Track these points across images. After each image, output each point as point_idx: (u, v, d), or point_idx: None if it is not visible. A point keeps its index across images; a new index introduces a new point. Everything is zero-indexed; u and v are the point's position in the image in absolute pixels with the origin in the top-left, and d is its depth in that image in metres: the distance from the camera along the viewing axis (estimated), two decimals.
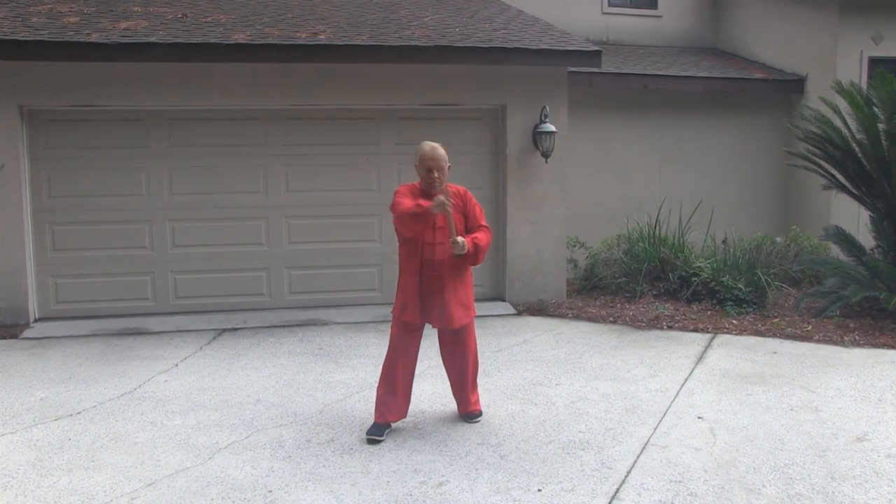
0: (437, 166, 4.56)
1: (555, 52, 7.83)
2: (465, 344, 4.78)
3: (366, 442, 4.54)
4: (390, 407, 4.67)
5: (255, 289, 7.99)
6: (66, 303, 7.65)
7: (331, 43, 7.43)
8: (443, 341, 4.83)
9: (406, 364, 4.72)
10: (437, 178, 4.57)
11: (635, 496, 3.87)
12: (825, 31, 10.05)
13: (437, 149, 4.60)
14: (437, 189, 4.56)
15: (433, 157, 4.56)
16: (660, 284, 8.34)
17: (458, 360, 4.81)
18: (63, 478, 4.11)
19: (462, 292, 4.69)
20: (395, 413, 4.69)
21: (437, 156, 4.57)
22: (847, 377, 5.75)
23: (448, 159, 4.62)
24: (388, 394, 4.68)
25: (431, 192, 4.55)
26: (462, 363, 4.81)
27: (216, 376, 5.86)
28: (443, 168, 4.58)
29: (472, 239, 4.55)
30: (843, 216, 9.40)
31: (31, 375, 5.88)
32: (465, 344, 4.78)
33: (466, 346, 4.79)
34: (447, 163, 4.61)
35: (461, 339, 4.77)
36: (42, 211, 7.55)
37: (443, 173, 4.59)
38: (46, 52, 6.99)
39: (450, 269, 4.62)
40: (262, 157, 7.91)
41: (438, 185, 4.58)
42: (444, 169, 4.59)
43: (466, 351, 4.80)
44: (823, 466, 4.19)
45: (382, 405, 4.68)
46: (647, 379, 5.73)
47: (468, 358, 4.81)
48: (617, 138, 10.19)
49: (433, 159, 4.56)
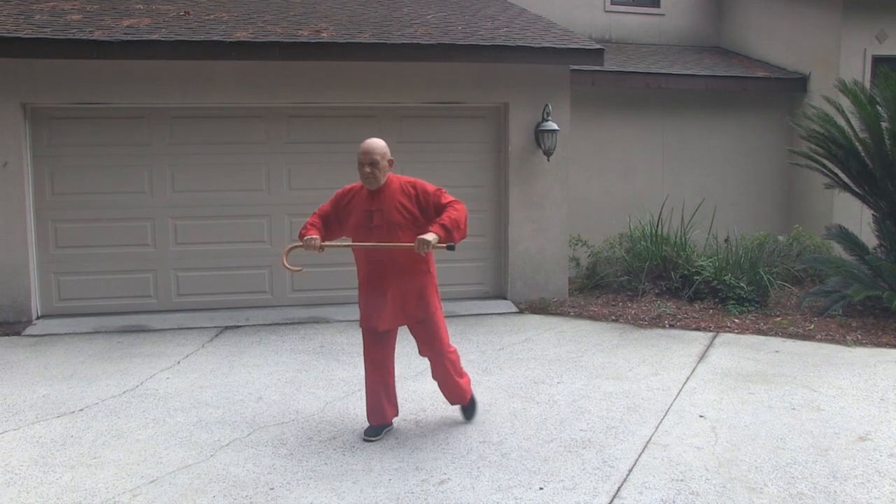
0: (367, 160, 4.31)
1: (557, 50, 7.82)
2: (431, 338, 4.50)
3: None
4: (375, 410, 4.62)
5: (257, 286, 7.99)
6: (69, 300, 7.66)
7: (333, 41, 7.43)
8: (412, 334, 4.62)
9: (377, 367, 4.58)
10: (368, 173, 4.32)
11: (637, 495, 3.86)
12: (829, 30, 10.03)
13: (373, 142, 4.36)
14: (371, 185, 4.36)
15: (363, 150, 4.34)
16: (662, 283, 8.34)
17: (428, 351, 4.54)
18: (65, 474, 4.11)
19: (411, 288, 4.41)
20: (378, 417, 4.62)
21: (368, 149, 4.33)
22: (849, 376, 5.74)
23: (388, 153, 4.39)
24: (370, 397, 4.63)
25: (368, 188, 4.38)
26: (437, 357, 4.55)
27: (218, 374, 5.86)
28: (375, 162, 4.30)
29: (438, 223, 4.24)
30: (845, 215, 9.39)
31: (34, 372, 5.89)
32: (431, 338, 4.50)
33: (433, 340, 4.50)
34: (384, 157, 4.35)
35: (426, 330, 4.49)
36: (45, 208, 7.56)
37: (376, 168, 4.31)
38: (49, 49, 6.99)
39: (392, 269, 4.38)
40: (264, 155, 7.91)
41: (372, 180, 4.34)
42: (378, 163, 4.31)
43: (434, 340, 4.50)
44: (825, 466, 4.19)
45: (370, 407, 4.64)
46: (649, 377, 5.73)
47: (437, 346, 4.51)
48: (619, 137, 10.18)
49: (363, 153, 4.33)
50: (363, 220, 4.41)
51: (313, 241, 4.41)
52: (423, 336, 4.53)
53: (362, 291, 4.54)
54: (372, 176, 4.33)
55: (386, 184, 4.40)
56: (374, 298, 4.44)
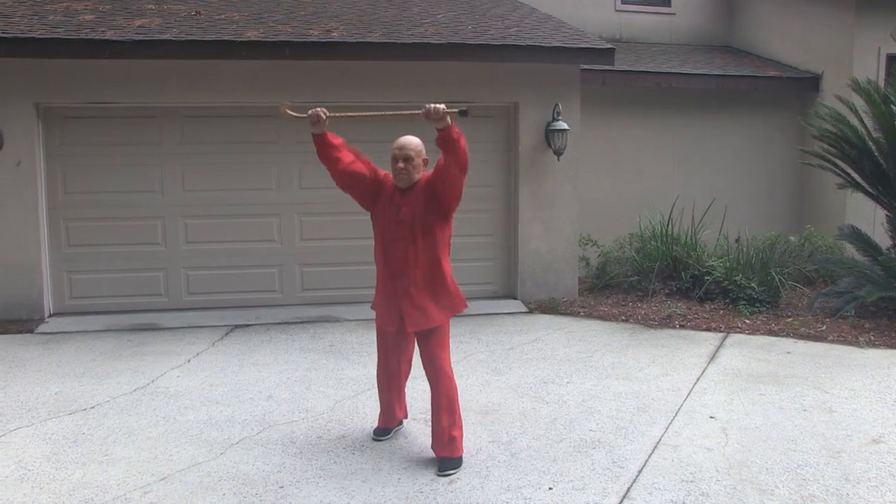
0: (402, 155, 4.12)
1: (568, 49, 7.80)
2: (430, 355, 4.20)
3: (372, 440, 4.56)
4: (383, 412, 4.60)
5: (268, 285, 8.01)
6: (81, 298, 7.70)
7: (343, 40, 7.44)
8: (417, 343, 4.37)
9: (388, 370, 4.48)
10: (401, 169, 4.12)
11: (646, 495, 3.85)
12: (842, 29, 9.97)
13: (408, 137, 4.18)
14: (402, 183, 4.15)
15: (398, 144, 4.16)
16: (672, 283, 8.31)
17: (429, 373, 4.23)
18: (77, 471, 4.14)
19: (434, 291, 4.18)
20: (388, 418, 4.59)
21: (403, 143, 4.15)
22: (862, 378, 5.71)
23: (423, 152, 4.20)
24: (381, 398, 4.60)
25: (399, 186, 4.18)
26: (433, 377, 4.22)
27: (228, 372, 5.88)
28: (410, 158, 4.11)
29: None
30: (858, 215, 9.33)
31: (46, 370, 5.93)
32: (430, 355, 4.20)
33: (432, 357, 4.19)
34: (419, 155, 4.16)
35: (428, 345, 4.21)
36: (57, 207, 7.60)
37: (410, 164, 4.12)
38: (62, 49, 7.03)
39: (415, 268, 4.15)
40: (274, 154, 7.93)
41: (404, 177, 4.13)
42: (413, 159, 4.12)
43: (435, 364, 4.19)
44: (838, 468, 4.17)
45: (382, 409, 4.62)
46: (659, 378, 5.71)
47: (438, 374, 4.18)
48: (629, 136, 10.15)
49: (398, 147, 4.15)
50: (390, 212, 4.19)
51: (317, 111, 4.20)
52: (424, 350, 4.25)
53: (379, 292, 4.37)
54: (405, 172, 4.13)
55: (417, 184, 4.19)
56: (390, 301, 4.26)
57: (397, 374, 4.52)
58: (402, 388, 4.61)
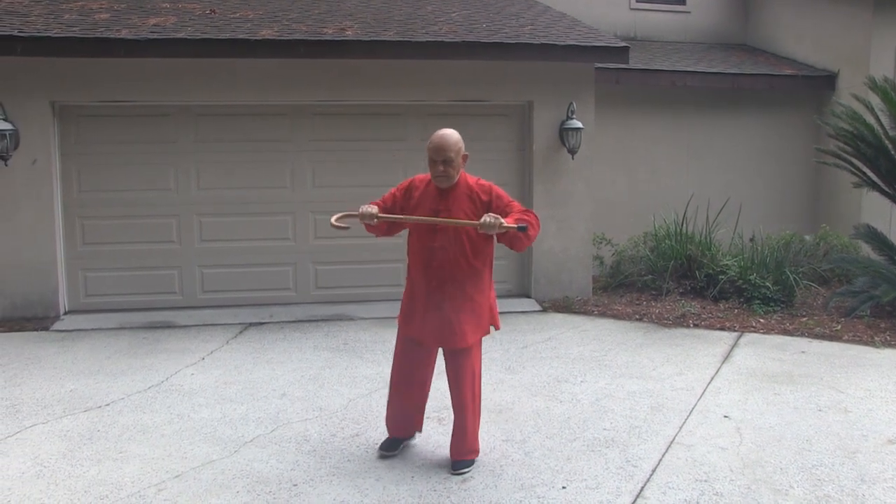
0: (441, 157, 3.89)
1: (582, 48, 7.78)
2: (461, 369, 4.07)
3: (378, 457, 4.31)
4: (396, 423, 4.34)
5: (282, 283, 8.04)
6: (96, 296, 7.75)
7: (358, 39, 7.45)
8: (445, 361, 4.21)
9: (410, 382, 4.22)
10: (442, 172, 3.92)
11: (660, 495, 3.84)
12: (858, 27, 9.89)
13: (446, 136, 3.92)
14: (443, 184, 3.97)
15: (436, 146, 3.91)
16: (686, 282, 8.28)
17: (454, 387, 4.13)
18: (92, 468, 4.16)
19: (472, 306, 3.99)
20: (400, 429, 4.35)
21: (442, 145, 3.89)
22: (878, 378, 5.66)
23: (463, 148, 3.99)
24: (393, 409, 4.32)
25: (439, 186, 3.99)
26: (457, 391, 4.11)
27: (242, 370, 5.90)
28: (450, 160, 3.90)
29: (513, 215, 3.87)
30: (874, 214, 9.26)
31: (62, 367, 5.97)
32: (461, 369, 4.07)
33: (461, 372, 4.07)
34: (458, 154, 3.94)
35: (458, 363, 4.08)
36: (72, 205, 7.65)
37: (450, 166, 3.91)
38: (77, 48, 7.07)
39: (453, 280, 3.95)
40: (288, 153, 7.95)
41: (445, 179, 3.94)
42: (453, 161, 3.91)
43: (461, 379, 4.08)
44: (853, 468, 4.14)
45: (391, 419, 4.35)
46: (673, 377, 5.69)
47: (463, 387, 4.08)
48: (644, 135, 10.11)
49: (435, 149, 3.90)
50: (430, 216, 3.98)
51: (369, 210, 3.97)
52: (453, 365, 4.10)
53: (416, 297, 4.09)
54: (445, 175, 3.93)
55: (458, 182, 4.00)
56: (422, 307, 4.03)
57: (425, 389, 4.30)
58: (423, 403, 4.36)
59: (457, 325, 3.97)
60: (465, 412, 4.12)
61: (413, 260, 4.11)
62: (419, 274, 4.06)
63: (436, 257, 3.97)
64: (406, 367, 4.22)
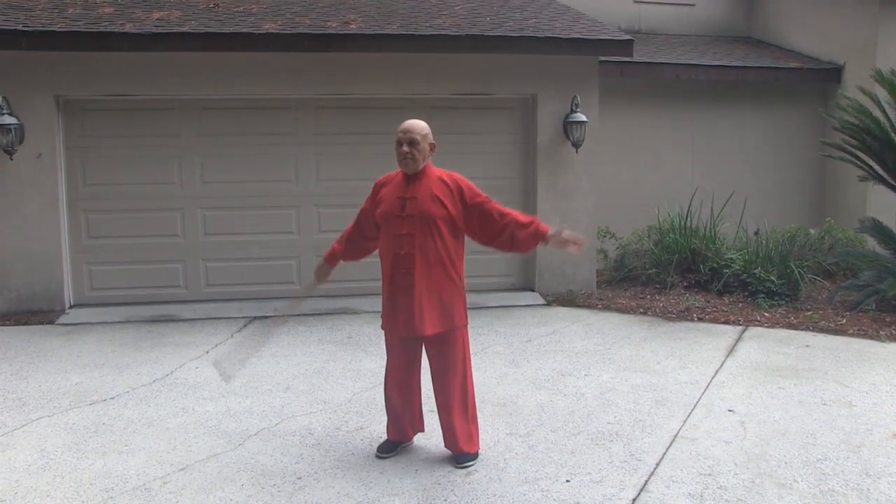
0: (406, 138, 3.91)
1: (586, 41, 7.76)
2: (446, 357, 4.01)
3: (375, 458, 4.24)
4: (394, 425, 4.27)
5: (286, 277, 8.04)
6: (100, 289, 7.77)
7: (361, 32, 7.44)
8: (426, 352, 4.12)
9: (400, 379, 4.16)
10: (406, 153, 3.91)
11: (664, 488, 3.84)
12: (865, 19, 9.84)
13: (413, 121, 3.99)
14: (408, 168, 3.94)
15: (402, 127, 3.94)
16: (690, 276, 8.27)
17: (438, 378, 4.06)
18: (98, 461, 4.18)
19: (440, 293, 3.93)
20: (394, 432, 4.28)
21: (407, 126, 3.94)
22: (883, 372, 5.65)
23: (430, 136, 4.00)
24: (389, 411, 4.27)
25: (405, 171, 3.98)
26: (442, 382, 4.04)
27: (246, 363, 5.91)
28: (415, 141, 3.90)
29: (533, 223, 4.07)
30: (880, 208, 9.21)
31: (67, 360, 5.99)
32: (446, 357, 4.01)
33: (448, 361, 4.01)
34: (425, 139, 3.94)
35: (441, 350, 4.01)
36: (77, 199, 7.66)
37: (415, 147, 3.90)
38: (82, 42, 7.08)
39: (422, 266, 3.90)
40: (292, 146, 7.95)
41: (410, 161, 3.92)
42: (418, 143, 3.90)
43: (447, 368, 4.01)
44: (858, 462, 4.13)
45: (389, 421, 4.30)
46: (677, 371, 5.69)
47: (450, 376, 4.01)
48: (648, 128, 10.08)
49: (402, 130, 3.93)
50: (394, 208, 3.96)
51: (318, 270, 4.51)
52: (436, 353, 4.04)
53: (386, 289, 4.06)
54: (410, 156, 3.91)
55: (425, 171, 3.99)
56: (399, 298, 3.97)
57: (415, 389, 4.23)
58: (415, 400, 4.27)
59: (427, 311, 3.91)
60: (452, 412, 4.06)
61: (383, 253, 4.08)
62: (388, 264, 4.03)
63: (403, 245, 3.93)
64: (394, 367, 4.18)
